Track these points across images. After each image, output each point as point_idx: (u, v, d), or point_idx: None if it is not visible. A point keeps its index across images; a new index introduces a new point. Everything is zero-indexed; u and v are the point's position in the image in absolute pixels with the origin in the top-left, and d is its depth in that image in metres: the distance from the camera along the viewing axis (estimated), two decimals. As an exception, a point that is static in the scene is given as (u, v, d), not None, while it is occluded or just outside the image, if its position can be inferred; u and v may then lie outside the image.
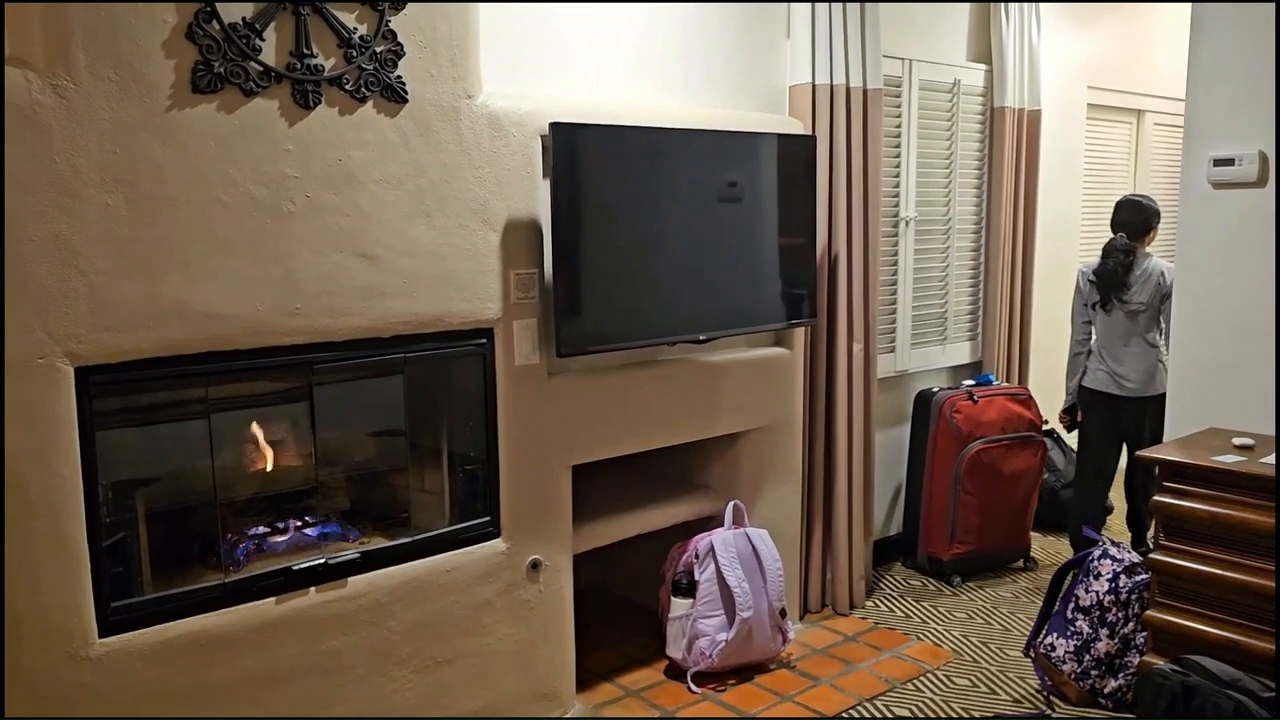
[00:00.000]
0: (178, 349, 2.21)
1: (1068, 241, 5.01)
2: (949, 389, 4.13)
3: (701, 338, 3.08)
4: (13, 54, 2.03)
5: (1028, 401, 4.18)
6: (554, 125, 2.67)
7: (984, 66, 4.33)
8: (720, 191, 3.07)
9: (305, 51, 2.30)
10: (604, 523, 3.18)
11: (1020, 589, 4.02)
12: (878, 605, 3.88)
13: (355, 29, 2.38)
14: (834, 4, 3.49)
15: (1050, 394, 4.89)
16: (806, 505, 3.72)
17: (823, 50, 3.50)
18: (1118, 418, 3.89)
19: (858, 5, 3.56)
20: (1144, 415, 3.82)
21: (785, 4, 3.50)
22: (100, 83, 2.05)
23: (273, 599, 2.40)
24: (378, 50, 2.41)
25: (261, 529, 2.55)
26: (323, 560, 2.48)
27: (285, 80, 2.28)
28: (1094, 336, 3.95)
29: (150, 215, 2.14)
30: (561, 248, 2.71)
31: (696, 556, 3.24)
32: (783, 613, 3.30)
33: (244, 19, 2.21)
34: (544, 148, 2.73)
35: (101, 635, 2.17)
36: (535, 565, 2.87)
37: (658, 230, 2.93)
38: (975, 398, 4.05)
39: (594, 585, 3.86)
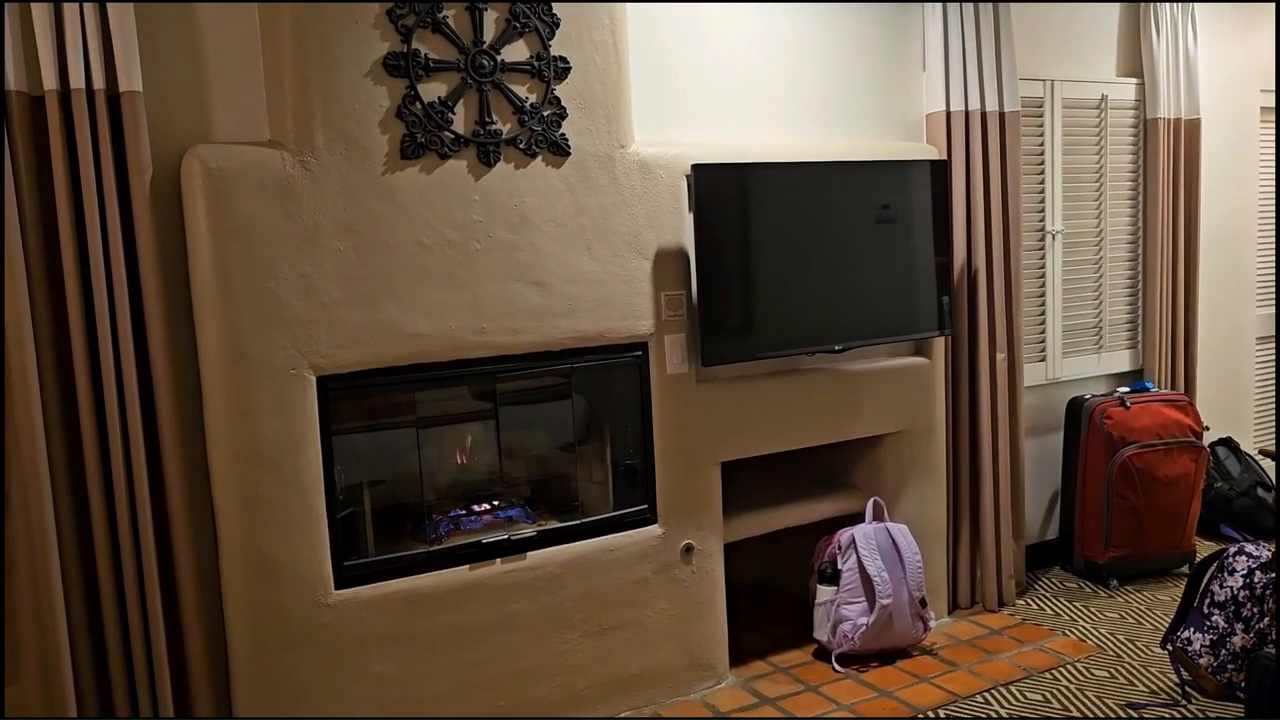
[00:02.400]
0: (391, 361, 2.79)
1: (1244, 247, 4.95)
2: (1101, 395, 4.23)
3: (837, 348, 3.41)
4: (273, 138, 2.69)
5: (1186, 408, 4.21)
6: (695, 166, 3.10)
7: (1135, 80, 4.42)
8: (853, 215, 3.40)
9: (487, 120, 2.85)
10: (755, 515, 3.55)
11: (1180, 593, 4.05)
12: (1029, 604, 4.03)
13: (527, 98, 2.90)
14: (966, 34, 3.75)
15: (1221, 402, 4.85)
16: (953, 505, 3.94)
17: (956, 79, 3.76)
18: None
19: (992, 35, 3.80)
20: None
21: (920, 38, 3.80)
22: (334, 156, 2.66)
23: (466, 566, 2.93)
24: (545, 114, 2.93)
25: (460, 510, 3.10)
26: (506, 536, 2.99)
27: (472, 144, 2.83)
28: None
29: (371, 257, 2.73)
30: (704, 271, 3.13)
31: (839, 548, 3.55)
32: (923, 602, 3.55)
33: (439, 98, 2.78)
34: (688, 186, 3.16)
35: (337, 587, 2.76)
36: (688, 549, 3.29)
37: (794, 252, 3.29)
38: (1127, 404, 4.14)
39: (756, 580, 4.22)
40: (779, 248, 3.27)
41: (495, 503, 3.13)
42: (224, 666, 2.70)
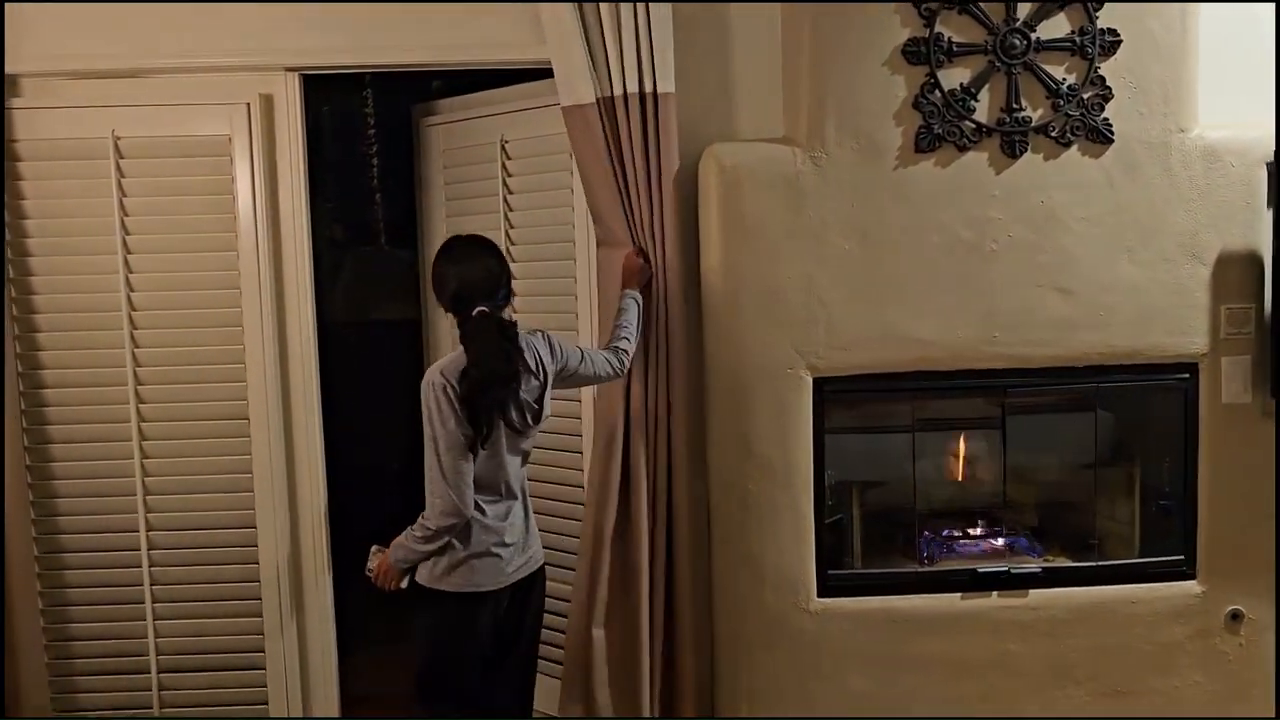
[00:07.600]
0: (891, 367, 2.65)
1: None
2: None
3: None
4: (786, 135, 2.68)
5: None
6: (1280, 152, 2.53)
7: None
8: None
9: (1015, 106, 2.58)
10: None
11: None
12: None
13: (1064, 80, 2.58)
14: None
15: None
16: None
17: None
18: None
19: None
20: None
21: None
22: (844, 151, 2.58)
23: (958, 594, 2.71)
24: (1085, 97, 2.57)
25: (953, 531, 2.87)
26: (1006, 568, 2.71)
27: (995, 134, 2.58)
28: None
29: (877, 257, 2.61)
30: (1284, 281, 2.55)
31: None
32: None
33: (961, 84, 2.57)
34: (1268, 176, 2.59)
35: (819, 595, 2.70)
36: (1236, 616, 2.72)
37: None
38: None
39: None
40: (1398, 254, 2.56)
41: (996, 529, 2.86)
42: (709, 651, 2.76)
